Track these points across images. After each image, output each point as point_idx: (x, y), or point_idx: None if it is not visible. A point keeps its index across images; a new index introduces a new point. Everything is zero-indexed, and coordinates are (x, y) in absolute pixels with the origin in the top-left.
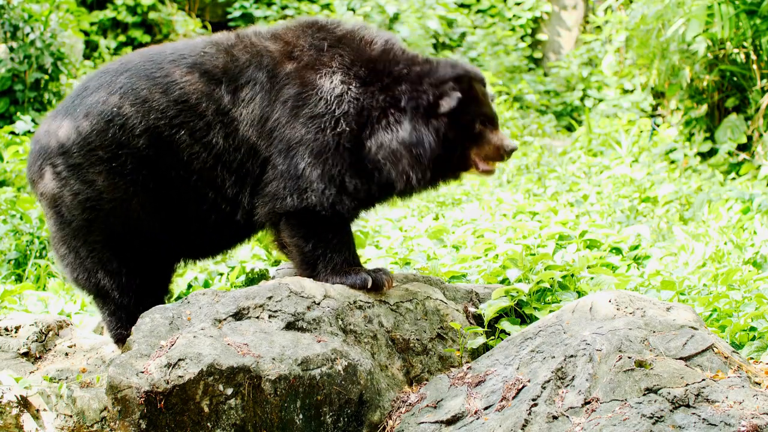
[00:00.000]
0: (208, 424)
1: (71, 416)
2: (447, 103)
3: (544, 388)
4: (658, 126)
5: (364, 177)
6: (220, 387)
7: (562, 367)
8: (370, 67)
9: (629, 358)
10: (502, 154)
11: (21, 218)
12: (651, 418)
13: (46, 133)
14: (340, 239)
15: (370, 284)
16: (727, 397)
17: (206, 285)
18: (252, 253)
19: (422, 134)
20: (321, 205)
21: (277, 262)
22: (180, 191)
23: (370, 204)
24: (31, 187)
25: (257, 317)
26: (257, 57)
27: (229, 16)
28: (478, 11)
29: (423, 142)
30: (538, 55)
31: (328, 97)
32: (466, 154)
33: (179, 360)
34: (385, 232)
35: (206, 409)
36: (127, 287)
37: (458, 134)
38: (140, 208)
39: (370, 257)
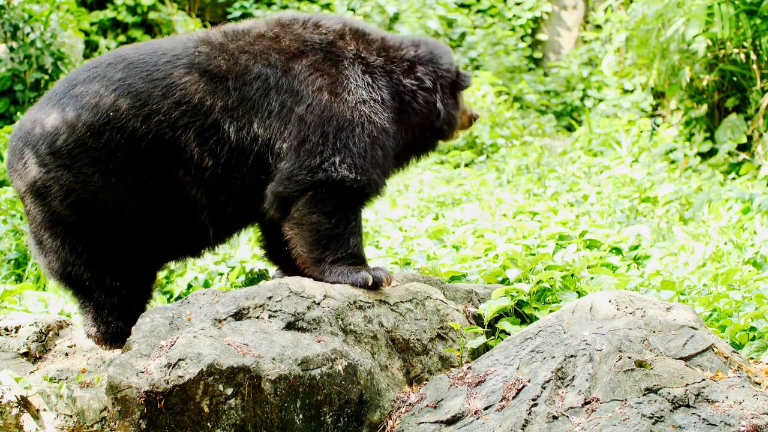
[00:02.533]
0: (208, 424)
1: (71, 416)
2: (467, 81)
3: (544, 388)
4: (658, 126)
5: (398, 156)
6: (220, 387)
7: (562, 367)
8: (383, 55)
9: (629, 358)
10: (472, 122)
11: (21, 218)
12: (651, 418)
13: (32, 126)
14: (358, 222)
15: (370, 282)
16: (727, 397)
17: (206, 285)
18: (252, 253)
19: (454, 114)
20: (371, 183)
21: None
22: (193, 191)
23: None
24: (13, 178)
25: (257, 317)
26: (263, 55)
27: (229, 16)
28: (478, 11)
29: (454, 121)
30: (538, 55)
31: (364, 85)
32: None
33: (179, 360)
34: (385, 232)
35: (206, 409)
36: (111, 286)
37: (461, 110)
38: (137, 209)
39: (370, 257)
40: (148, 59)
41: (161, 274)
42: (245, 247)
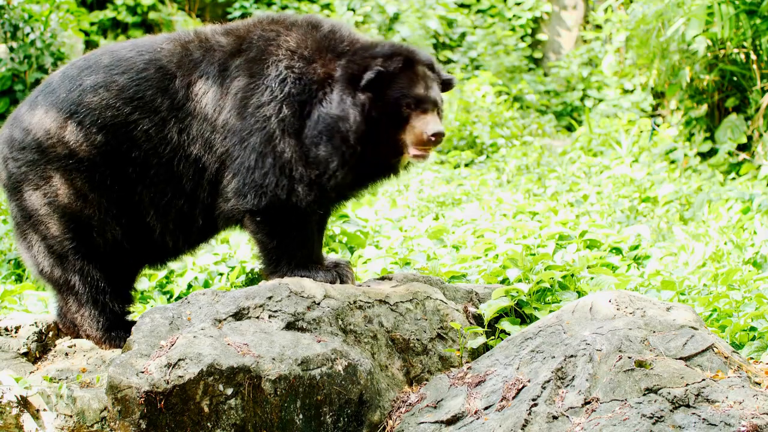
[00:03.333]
0: (208, 424)
1: (71, 416)
2: (367, 76)
3: (544, 388)
4: (658, 126)
5: (312, 161)
6: (220, 387)
7: (562, 367)
8: (314, 47)
9: (629, 358)
10: (426, 139)
11: None
12: (651, 418)
13: (10, 126)
14: (304, 235)
15: (338, 282)
16: (727, 397)
17: (206, 285)
18: (252, 253)
19: (347, 106)
20: (278, 200)
21: None
22: (138, 188)
23: (326, 195)
24: None
25: (257, 317)
26: (210, 52)
27: (229, 16)
28: (478, 11)
29: (348, 116)
30: (538, 55)
31: (273, 84)
32: (396, 137)
33: (179, 360)
34: (385, 232)
35: (206, 409)
36: (91, 284)
37: (383, 114)
38: (98, 206)
39: (370, 257)
40: (117, 54)
41: (159, 275)
42: (245, 247)
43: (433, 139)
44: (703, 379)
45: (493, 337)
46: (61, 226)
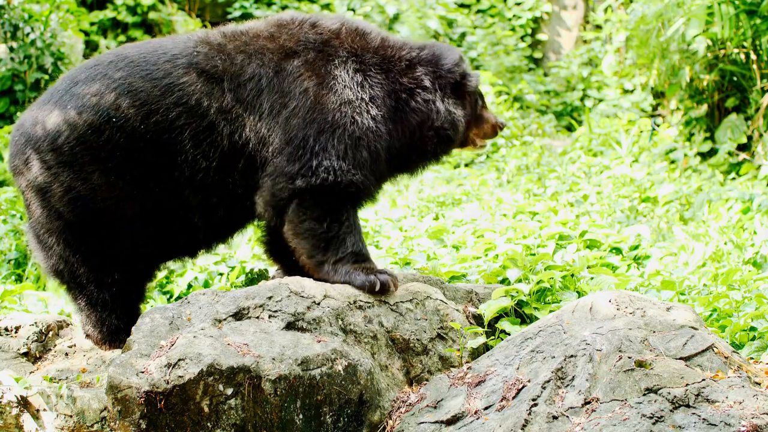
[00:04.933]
0: (208, 424)
1: (71, 416)
2: (473, 82)
3: (544, 388)
4: (658, 126)
5: (394, 157)
6: (220, 387)
7: (562, 367)
8: (380, 54)
9: (629, 358)
10: (497, 130)
11: (21, 218)
12: (651, 418)
13: (34, 123)
14: (353, 221)
15: (377, 287)
16: (727, 397)
17: (206, 285)
18: (252, 253)
19: (457, 113)
20: (355, 184)
21: None
22: (186, 192)
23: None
24: (15, 176)
25: (257, 317)
26: (257, 55)
27: (229, 16)
28: (478, 11)
29: (458, 121)
30: (538, 55)
31: (352, 85)
32: (467, 132)
33: (179, 360)
34: (385, 232)
35: (206, 409)
36: (107, 284)
37: (470, 113)
38: (135, 209)
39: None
40: (148, 58)
41: (159, 275)
42: (245, 247)
43: (501, 129)
44: (703, 379)
45: (493, 337)
46: (94, 228)
